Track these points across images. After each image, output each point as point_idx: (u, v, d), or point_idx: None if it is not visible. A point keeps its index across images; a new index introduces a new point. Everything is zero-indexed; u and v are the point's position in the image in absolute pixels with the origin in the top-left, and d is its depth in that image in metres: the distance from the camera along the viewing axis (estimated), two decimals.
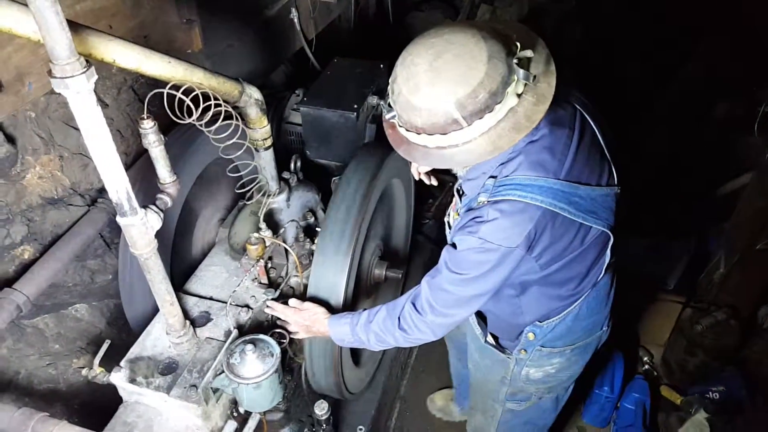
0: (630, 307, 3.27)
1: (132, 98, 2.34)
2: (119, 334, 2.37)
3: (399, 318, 1.61)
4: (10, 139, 1.86)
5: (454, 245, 1.49)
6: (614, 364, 2.91)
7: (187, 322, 1.67)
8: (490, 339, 1.89)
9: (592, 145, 1.50)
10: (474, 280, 1.47)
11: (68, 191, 2.12)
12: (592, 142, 1.50)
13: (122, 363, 1.65)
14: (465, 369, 2.33)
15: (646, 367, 3.16)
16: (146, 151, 1.48)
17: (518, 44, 1.28)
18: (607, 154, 1.54)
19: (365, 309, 1.74)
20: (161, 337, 1.72)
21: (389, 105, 1.34)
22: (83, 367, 1.91)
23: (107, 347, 1.72)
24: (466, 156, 1.31)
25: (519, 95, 1.27)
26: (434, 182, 2.01)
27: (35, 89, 1.80)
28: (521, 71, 1.23)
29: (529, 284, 1.60)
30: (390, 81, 1.33)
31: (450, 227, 1.76)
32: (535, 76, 1.26)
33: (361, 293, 2.13)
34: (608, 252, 1.61)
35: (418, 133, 1.31)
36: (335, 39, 3.42)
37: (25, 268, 1.95)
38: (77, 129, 2.11)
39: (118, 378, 1.60)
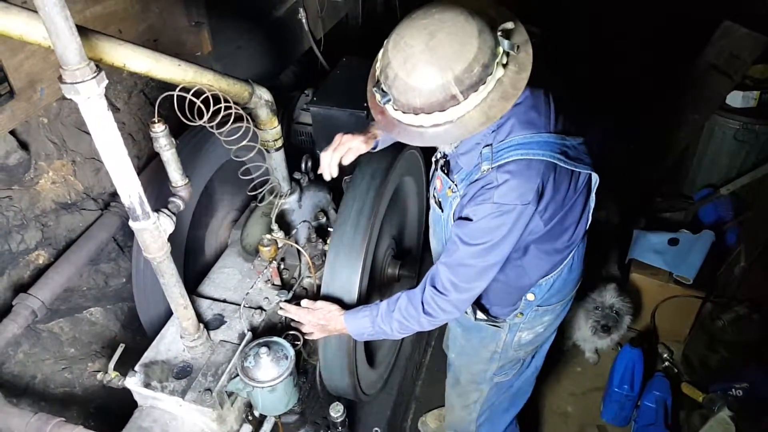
0: (649, 303, 3.23)
1: (143, 102, 2.34)
2: (133, 337, 2.38)
3: (422, 303, 1.64)
4: (24, 145, 1.87)
5: (466, 218, 1.53)
6: (634, 361, 2.86)
7: (201, 325, 1.67)
8: (480, 314, 1.90)
9: (558, 101, 1.58)
10: (494, 246, 1.52)
11: (81, 196, 2.13)
12: (557, 97, 1.58)
13: (137, 367, 1.64)
14: None
15: (666, 364, 3.11)
16: (158, 154, 1.48)
17: (498, 17, 1.34)
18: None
19: (380, 300, 1.74)
20: (175, 341, 1.71)
21: (382, 90, 1.36)
22: (98, 371, 1.92)
23: (122, 351, 1.72)
24: (461, 130, 1.35)
25: (504, 66, 1.33)
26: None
27: (47, 95, 1.80)
28: (506, 41, 1.30)
29: (530, 243, 1.66)
30: (380, 67, 1.36)
31: (441, 206, 1.76)
32: (518, 46, 1.33)
33: (374, 292, 2.12)
34: (593, 195, 1.69)
35: (416, 114, 1.34)
36: (343, 38, 3.40)
37: (40, 273, 1.96)
38: (89, 134, 2.12)
39: (133, 382, 1.60)
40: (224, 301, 1.88)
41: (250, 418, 1.73)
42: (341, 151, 1.74)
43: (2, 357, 1.90)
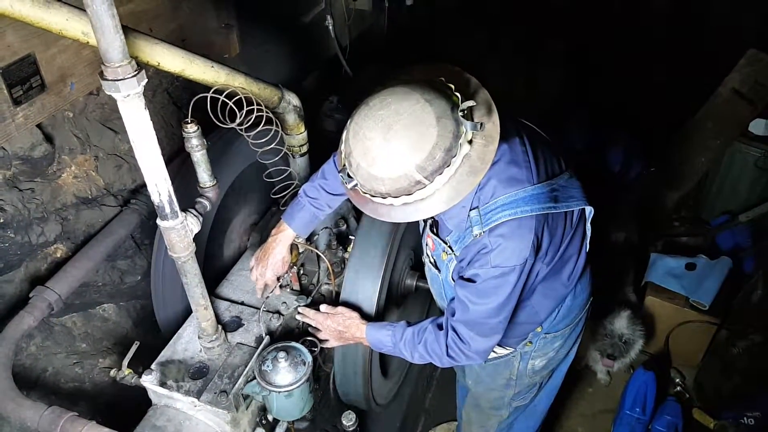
0: (663, 327, 3.20)
1: (166, 101, 2.35)
2: (145, 335, 2.37)
3: (446, 346, 1.64)
4: (48, 138, 1.87)
5: (469, 280, 1.54)
6: (647, 384, 2.83)
7: (219, 326, 1.66)
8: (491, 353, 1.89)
9: (537, 142, 1.58)
10: (503, 303, 1.54)
11: (102, 191, 2.14)
12: (536, 139, 1.59)
13: (153, 366, 1.64)
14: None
15: (678, 388, 3.07)
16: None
17: (458, 95, 1.33)
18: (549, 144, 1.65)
19: (405, 321, 1.73)
20: (192, 341, 1.71)
21: (348, 175, 1.37)
22: (109, 368, 1.91)
23: (135, 349, 1.72)
24: (433, 207, 1.35)
25: (470, 141, 1.33)
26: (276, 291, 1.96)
27: (77, 89, 1.81)
28: (468, 123, 1.29)
29: (535, 285, 1.67)
30: (344, 152, 1.37)
31: (437, 266, 1.77)
32: (481, 124, 1.32)
33: (391, 303, 2.10)
34: (588, 225, 1.70)
35: (384, 197, 1.36)
36: (367, 46, 3.42)
37: (57, 266, 1.96)
38: (113, 130, 2.15)
39: (149, 381, 1.59)
40: (242, 303, 1.87)
41: (263, 422, 1.72)
42: (263, 287, 1.85)
43: (15, 348, 1.90)
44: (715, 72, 3.75)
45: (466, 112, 1.31)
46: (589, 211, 1.66)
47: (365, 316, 1.81)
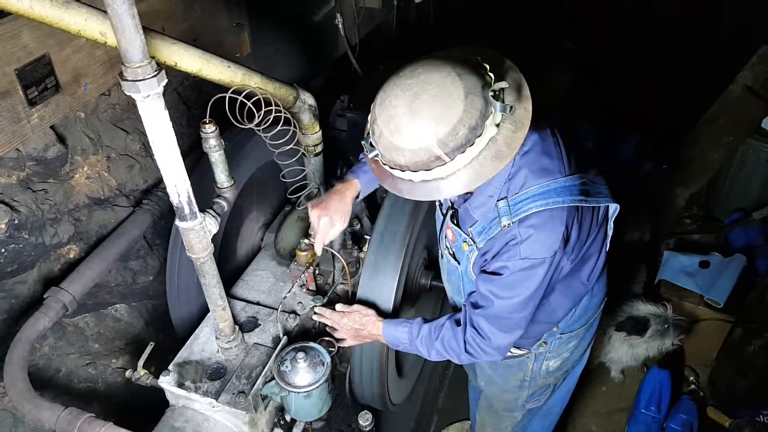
0: None
1: (176, 100, 2.34)
2: (157, 335, 2.37)
3: (465, 342, 1.62)
4: (61, 139, 1.87)
5: (495, 273, 1.51)
6: (662, 383, 2.82)
7: (236, 327, 1.65)
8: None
9: (565, 139, 1.56)
10: (530, 297, 1.51)
11: (114, 192, 2.13)
12: (563, 135, 1.57)
13: (171, 367, 1.63)
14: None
15: (692, 387, 3.05)
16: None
17: (492, 75, 1.29)
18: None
19: (421, 318, 1.72)
20: (209, 341, 1.70)
21: (371, 144, 1.35)
22: (122, 368, 1.90)
23: (150, 350, 1.71)
24: (451, 187, 1.32)
25: (498, 125, 1.29)
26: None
27: (90, 90, 1.81)
28: (498, 104, 1.25)
29: (556, 283, 1.64)
30: (369, 121, 1.35)
31: (456, 258, 1.73)
32: (511, 107, 1.27)
33: (405, 301, 2.09)
34: (611, 224, 1.68)
35: (402, 170, 1.33)
36: (376, 45, 3.41)
37: (70, 267, 1.95)
38: (125, 130, 2.14)
39: (167, 382, 1.58)
40: (258, 303, 1.87)
41: (281, 422, 1.71)
42: (321, 239, 1.75)
43: (30, 349, 1.90)
44: (728, 69, 3.73)
45: (497, 93, 1.27)
46: (614, 208, 1.63)
47: (381, 314, 1.80)
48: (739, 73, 3.65)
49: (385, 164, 1.36)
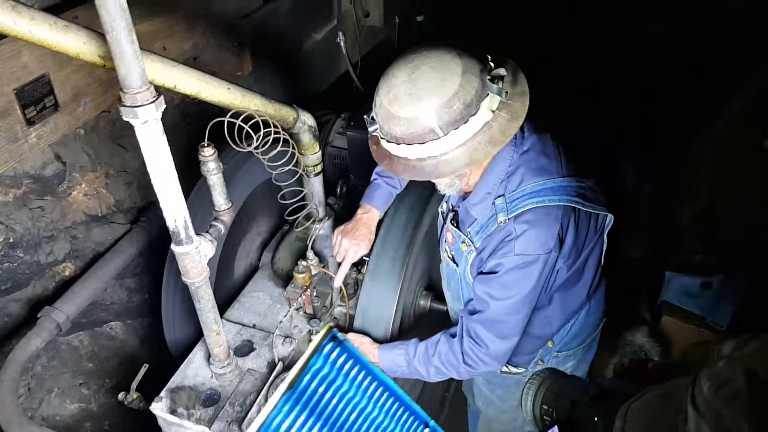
0: (679, 347, 3.14)
1: (177, 117, 2.33)
2: (151, 354, 2.34)
3: (462, 353, 1.61)
4: (59, 156, 1.86)
5: (490, 273, 1.52)
6: None
7: (231, 352, 1.63)
8: (503, 368, 1.87)
9: (565, 146, 1.60)
10: (525, 298, 1.52)
11: (111, 209, 2.12)
12: (563, 142, 1.60)
13: (163, 392, 1.60)
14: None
15: None
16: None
17: (492, 65, 1.35)
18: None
19: (417, 338, 1.71)
20: (203, 366, 1.67)
21: (372, 118, 1.41)
22: (115, 389, 1.86)
23: (144, 372, 1.68)
24: (445, 167, 1.36)
25: (494, 111, 1.34)
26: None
27: (90, 108, 1.80)
28: (494, 86, 1.31)
29: (554, 292, 1.65)
30: (374, 96, 1.41)
31: (455, 261, 1.74)
32: (507, 92, 1.34)
33: (405, 324, 2.06)
34: (605, 237, 1.69)
35: (398, 144, 1.37)
36: (378, 62, 3.41)
37: (65, 284, 1.93)
38: (123, 147, 2.13)
39: (159, 408, 1.55)
40: (254, 326, 1.84)
41: None
42: (349, 261, 1.81)
43: (22, 371, 1.87)
44: (729, 84, 3.72)
45: (495, 79, 1.32)
46: (609, 219, 1.64)
47: (379, 341, 1.77)
48: (740, 91, 3.64)
49: (383, 138, 1.41)
